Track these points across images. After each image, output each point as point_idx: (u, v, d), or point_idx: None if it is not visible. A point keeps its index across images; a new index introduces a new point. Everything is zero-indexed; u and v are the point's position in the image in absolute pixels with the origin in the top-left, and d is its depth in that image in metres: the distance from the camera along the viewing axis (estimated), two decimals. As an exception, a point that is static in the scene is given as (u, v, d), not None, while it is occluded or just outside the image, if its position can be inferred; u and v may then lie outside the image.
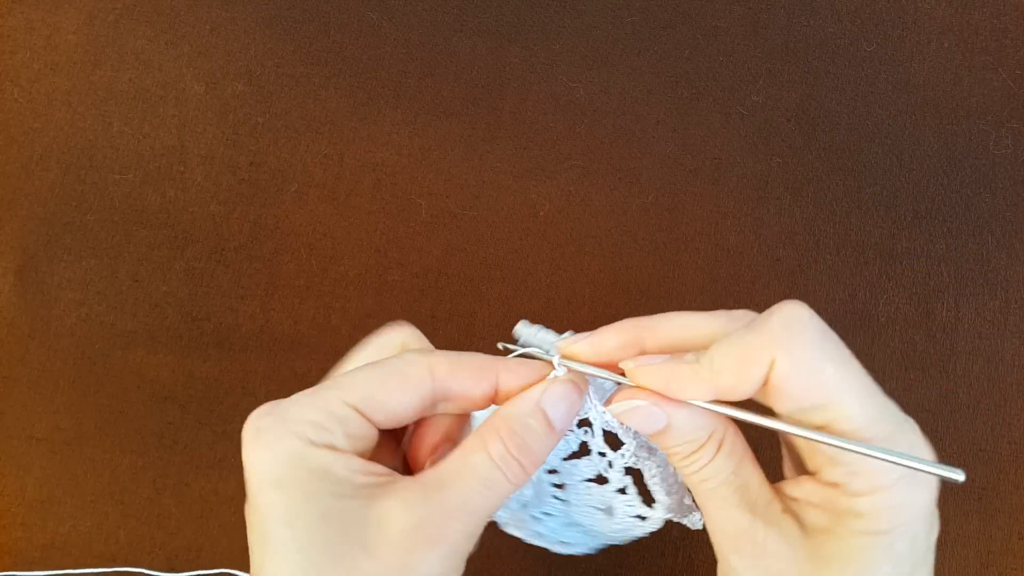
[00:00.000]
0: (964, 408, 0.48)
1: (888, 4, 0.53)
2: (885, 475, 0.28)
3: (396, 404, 0.31)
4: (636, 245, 0.50)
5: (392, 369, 0.32)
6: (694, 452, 0.30)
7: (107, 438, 0.49)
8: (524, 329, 0.34)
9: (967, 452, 0.48)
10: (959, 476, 0.27)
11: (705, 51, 0.52)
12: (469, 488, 0.30)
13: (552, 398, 0.31)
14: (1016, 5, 0.53)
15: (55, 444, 0.49)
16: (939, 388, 0.48)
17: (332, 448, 0.30)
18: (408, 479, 0.30)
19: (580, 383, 0.32)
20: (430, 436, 0.34)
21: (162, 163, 0.52)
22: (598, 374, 0.32)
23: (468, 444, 0.31)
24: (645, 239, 0.50)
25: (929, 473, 0.27)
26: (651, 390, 0.30)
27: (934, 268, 0.49)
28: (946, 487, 0.29)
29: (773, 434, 0.31)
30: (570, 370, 0.32)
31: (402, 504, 0.29)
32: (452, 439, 0.34)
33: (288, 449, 0.29)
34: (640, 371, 0.31)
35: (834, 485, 0.29)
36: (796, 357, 0.28)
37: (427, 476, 0.30)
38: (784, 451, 0.34)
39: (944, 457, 0.31)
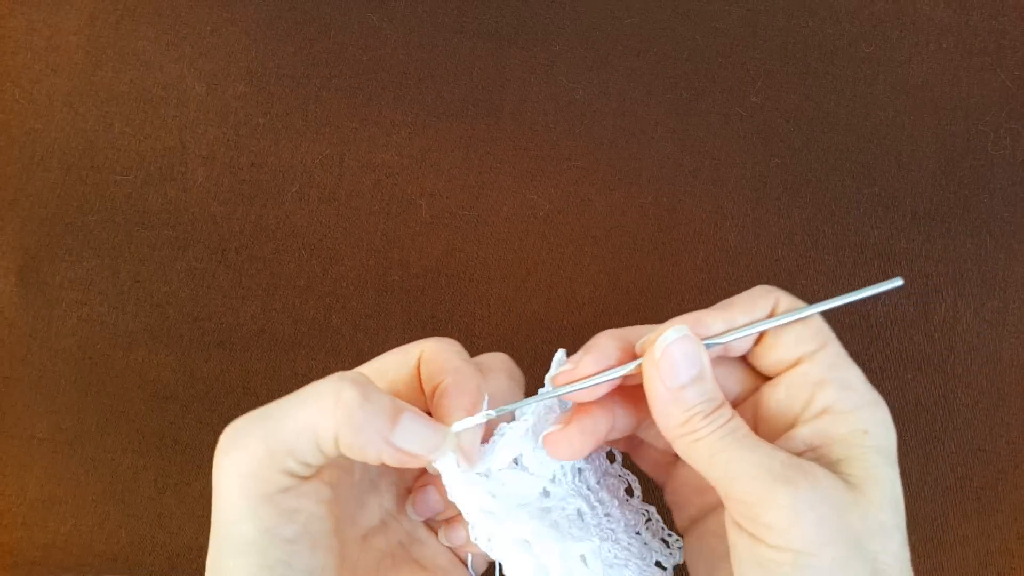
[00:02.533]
0: (962, 408, 0.48)
1: (887, 5, 0.53)
2: (870, 392, 0.32)
3: (393, 374, 0.34)
4: (635, 245, 0.50)
5: (404, 347, 0.35)
6: (718, 408, 0.31)
7: (108, 438, 0.49)
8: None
9: (965, 452, 0.48)
10: (898, 281, 0.33)
11: (704, 52, 0.52)
12: (278, 411, 0.30)
13: (414, 416, 0.31)
14: (1014, 6, 0.53)
15: (56, 444, 0.49)
16: (937, 388, 0.48)
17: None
18: None
19: (446, 444, 0.31)
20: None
21: (163, 164, 0.52)
22: (607, 377, 0.32)
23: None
24: (644, 240, 0.50)
25: (879, 292, 0.33)
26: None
27: (932, 268, 0.49)
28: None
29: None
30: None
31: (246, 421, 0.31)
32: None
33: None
34: (671, 322, 0.32)
35: (825, 411, 0.31)
36: (793, 298, 0.34)
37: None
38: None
39: (943, 457, 0.32)
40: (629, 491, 0.38)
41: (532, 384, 0.36)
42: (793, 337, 0.32)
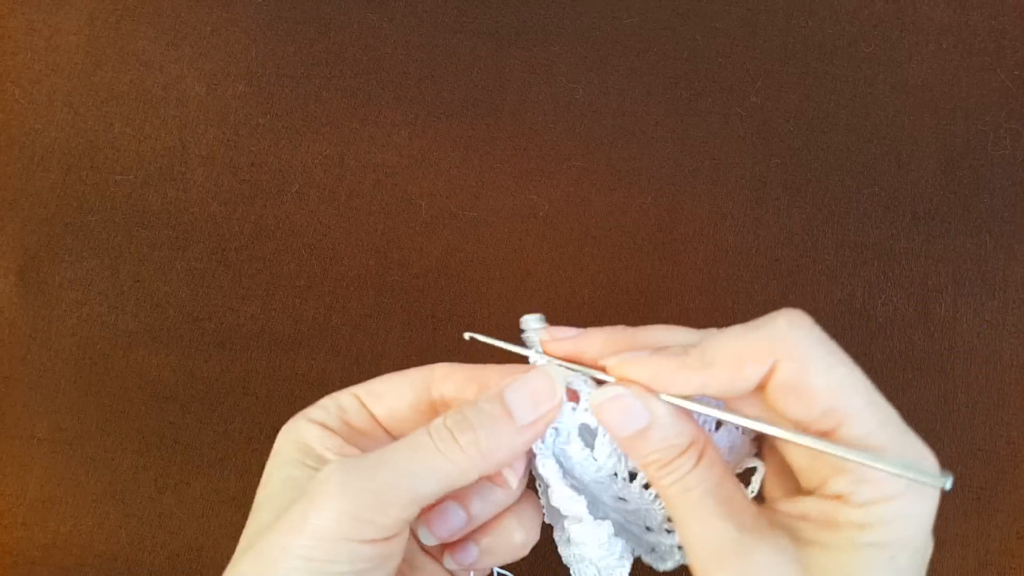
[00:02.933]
0: (962, 408, 0.48)
1: (886, 5, 0.53)
2: (893, 484, 0.27)
3: (393, 396, 0.33)
4: (635, 245, 0.50)
5: (401, 371, 0.34)
6: (675, 459, 0.29)
7: (108, 438, 0.49)
8: (532, 324, 0.34)
9: (965, 452, 0.48)
10: (945, 481, 0.26)
11: (704, 52, 0.52)
12: (395, 455, 0.29)
13: (514, 385, 0.30)
14: (1014, 6, 0.53)
15: (56, 444, 0.49)
16: (937, 388, 0.48)
17: (323, 426, 0.32)
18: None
19: (553, 377, 0.31)
20: (440, 509, 0.33)
21: (163, 164, 0.52)
22: (580, 370, 0.31)
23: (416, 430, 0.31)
24: (644, 239, 0.50)
25: (928, 484, 0.26)
26: (635, 382, 0.29)
27: (932, 268, 0.49)
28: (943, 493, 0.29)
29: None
30: (549, 361, 0.32)
31: (341, 466, 0.29)
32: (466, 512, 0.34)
33: (290, 426, 0.33)
34: (624, 364, 0.30)
35: (836, 497, 0.28)
36: (807, 357, 0.27)
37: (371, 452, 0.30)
38: (768, 472, 0.33)
39: (942, 458, 0.31)
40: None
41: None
42: (798, 412, 0.28)
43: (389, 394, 0.33)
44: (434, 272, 0.50)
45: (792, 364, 0.27)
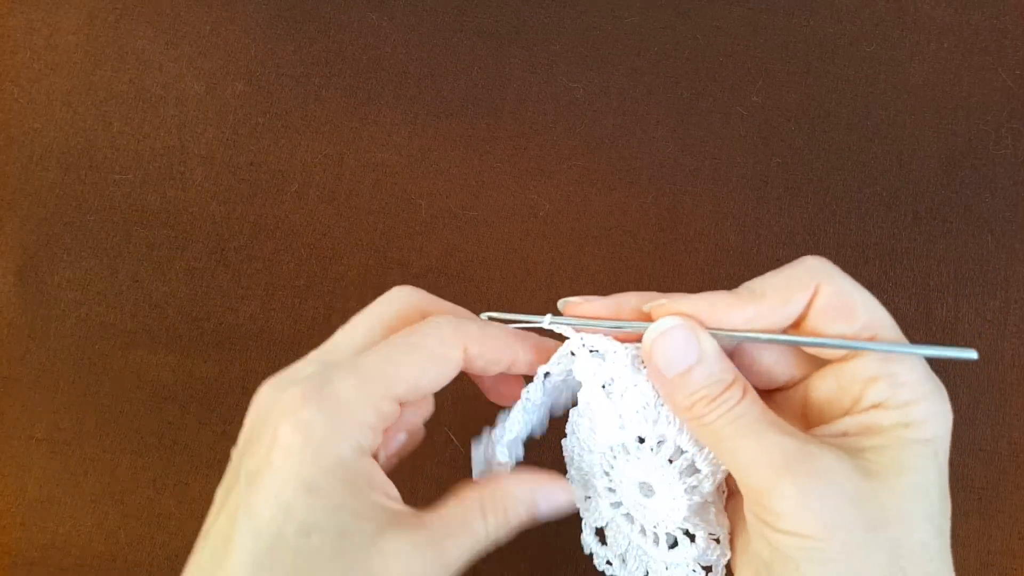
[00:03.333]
0: (963, 408, 0.48)
1: (887, 4, 0.53)
2: (922, 386, 0.30)
3: (432, 385, 0.32)
4: (636, 245, 0.50)
5: (432, 353, 0.32)
6: (722, 393, 0.30)
7: (107, 438, 0.49)
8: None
9: (966, 452, 0.48)
10: (972, 354, 0.29)
11: (705, 51, 0.52)
12: (464, 547, 0.30)
13: (546, 494, 0.32)
14: (1016, 5, 0.53)
15: (55, 444, 0.49)
16: (939, 388, 0.48)
17: (374, 459, 0.31)
18: (415, 518, 0.30)
19: (569, 493, 0.32)
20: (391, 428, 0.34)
21: (162, 163, 0.52)
22: (615, 326, 0.31)
23: (471, 504, 0.31)
24: (645, 239, 0.50)
25: (965, 359, 0.29)
26: (687, 315, 0.31)
27: (933, 268, 0.49)
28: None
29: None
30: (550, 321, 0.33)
31: (411, 547, 0.29)
32: (408, 431, 0.35)
33: (337, 455, 0.29)
34: (673, 302, 0.31)
35: (875, 406, 0.30)
36: (841, 280, 0.30)
37: (433, 523, 0.30)
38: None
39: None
40: None
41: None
42: (841, 328, 0.30)
43: (432, 385, 0.32)
44: (434, 272, 0.50)
45: (833, 286, 0.30)
